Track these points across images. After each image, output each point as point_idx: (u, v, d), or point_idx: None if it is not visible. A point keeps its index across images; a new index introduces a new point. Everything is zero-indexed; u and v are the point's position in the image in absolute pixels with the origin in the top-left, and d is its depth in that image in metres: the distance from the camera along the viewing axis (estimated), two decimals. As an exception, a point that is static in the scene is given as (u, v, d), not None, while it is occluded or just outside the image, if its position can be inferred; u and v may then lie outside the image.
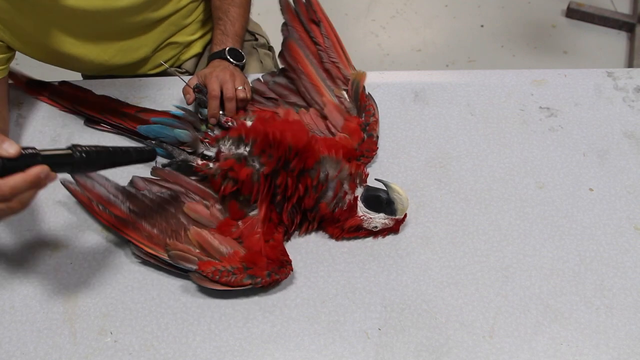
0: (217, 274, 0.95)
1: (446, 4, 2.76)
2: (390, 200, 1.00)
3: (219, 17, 1.25)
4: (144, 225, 1.01)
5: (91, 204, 1.03)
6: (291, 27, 1.19)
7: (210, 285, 0.95)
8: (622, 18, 2.61)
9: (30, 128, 1.21)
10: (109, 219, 1.02)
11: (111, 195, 1.03)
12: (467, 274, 1.00)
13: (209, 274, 0.95)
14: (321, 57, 1.18)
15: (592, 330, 0.94)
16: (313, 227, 1.04)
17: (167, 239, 1.00)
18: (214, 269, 0.95)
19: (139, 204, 1.03)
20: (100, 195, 1.03)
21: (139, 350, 0.93)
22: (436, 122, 1.20)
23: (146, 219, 1.02)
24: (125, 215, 1.02)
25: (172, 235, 1.01)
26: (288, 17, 1.20)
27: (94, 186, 1.04)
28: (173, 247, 0.98)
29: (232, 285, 0.95)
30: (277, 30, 1.21)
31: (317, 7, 1.20)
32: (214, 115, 1.10)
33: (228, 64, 1.16)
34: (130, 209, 1.02)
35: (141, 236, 1.00)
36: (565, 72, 1.28)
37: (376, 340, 0.94)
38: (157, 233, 1.01)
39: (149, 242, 1.00)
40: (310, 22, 1.19)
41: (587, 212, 1.07)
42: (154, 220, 1.02)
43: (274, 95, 1.18)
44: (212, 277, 0.95)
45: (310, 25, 1.19)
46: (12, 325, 0.96)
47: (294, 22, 1.19)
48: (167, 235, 1.00)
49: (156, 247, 0.99)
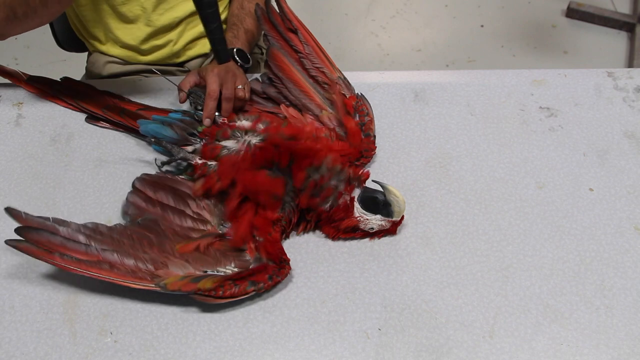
0: (219, 290, 0.93)
1: (446, 4, 2.76)
2: (387, 202, 1.00)
3: (233, 22, 1.28)
4: (120, 261, 0.94)
5: (52, 257, 0.92)
6: (271, 37, 1.19)
7: (215, 301, 0.94)
8: (622, 18, 2.61)
9: (30, 128, 1.21)
10: (78, 266, 0.92)
11: (71, 241, 0.94)
12: (467, 274, 1.00)
13: (211, 292, 0.93)
14: (304, 64, 1.18)
15: (592, 330, 0.94)
16: (311, 226, 1.05)
17: (152, 268, 0.94)
18: (215, 286, 0.93)
19: (107, 240, 0.96)
20: (59, 245, 0.93)
21: (139, 351, 0.93)
22: (436, 122, 1.20)
23: (120, 254, 0.94)
24: (95, 257, 0.93)
25: (156, 263, 0.95)
26: (266, 28, 1.20)
27: (48, 237, 0.93)
28: (163, 276, 0.93)
29: (236, 296, 0.94)
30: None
31: (291, 16, 1.20)
32: (209, 116, 1.10)
33: (232, 63, 1.16)
34: (98, 248, 0.94)
35: (121, 274, 0.93)
36: (566, 72, 1.28)
37: (376, 340, 0.94)
38: (137, 266, 0.94)
39: (132, 279, 0.93)
40: (288, 32, 1.19)
41: (587, 212, 1.07)
42: (130, 253, 0.95)
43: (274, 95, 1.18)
44: (215, 294, 0.93)
45: (288, 34, 1.19)
46: (12, 325, 0.96)
47: (272, 32, 1.19)
48: (152, 263, 0.95)
49: (142, 281, 0.93)
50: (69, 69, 1.40)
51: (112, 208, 1.08)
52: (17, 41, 2.59)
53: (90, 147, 1.18)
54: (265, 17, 1.20)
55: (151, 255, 0.96)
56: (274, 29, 1.20)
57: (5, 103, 1.25)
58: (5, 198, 1.10)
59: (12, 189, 1.12)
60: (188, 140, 1.10)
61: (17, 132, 1.21)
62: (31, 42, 2.56)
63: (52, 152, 1.17)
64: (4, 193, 1.11)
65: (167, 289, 0.92)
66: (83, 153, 1.17)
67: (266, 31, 1.20)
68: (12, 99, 1.26)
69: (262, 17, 1.20)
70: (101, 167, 1.14)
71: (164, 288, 0.92)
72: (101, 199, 1.10)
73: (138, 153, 1.17)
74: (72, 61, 1.91)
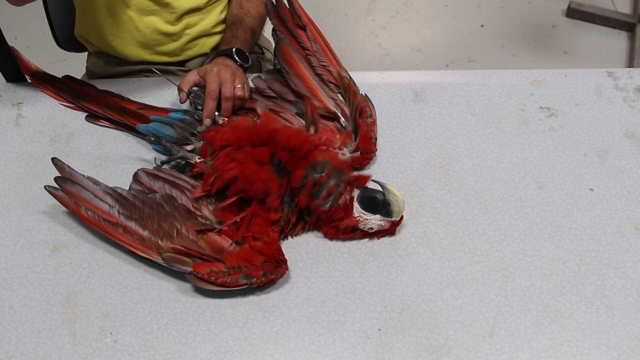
0: (212, 275, 0.94)
1: (446, 4, 2.76)
2: (386, 202, 0.99)
3: (233, 22, 1.28)
4: (134, 228, 1.00)
5: (79, 209, 1.01)
6: (280, 32, 1.19)
7: (207, 286, 0.95)
8: (623, 18, 2.61)
9: (30, 128, 1.21)
10: (98, 223, 1.00)
11: (99, 200, 1.02)
12: (467, 274, 1.00)
13: (204, 276, 0.95)
14: (311, 61, 1.18)
15: (592, 330, 0.94)
16: (309, 226, 1.05)
17: (159, 241, 0.99)
18: (209, 271, 0.95)
19: (129, 206, 1.02)
20: (87, 200, 1.02)
21: (139, 351, 0.93)
22: (436, 122, 1.20)
23: (137, 222, 1.01)
24: (115, 219, 1.00)
25: (165, 237, 0.99)
26: (276, 22, 1.19)
27: (80, 191, 1.02)
28: (166, 249, 0.98)
29: (228, 286, 0.95)
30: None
31: (301, 12, 1.19)
32: (209, 116, 1.11)
33: (231, 63, 1.16)
34: (120, 212, 1.01)
35: (132, 239, 0.99)
36: (566, 72, 1.28)
37: (376, 340, 0.93)
38: (148, 236, 0.99)
39: (140, 246, 0.99)
40: (297, 28, 1.19)
41: (587, 212, 1.07)
42: (144, 223, 1.01)
43: (273, 93, 1.18)
44: (207, 279, 0.95)
45: (297, 30, 1.19)
46: (12, 325, 0.96)
47: (281, 28, 1.19)
48: (160, 237, 0.99)
49: (148, 250, 0.98)
50: (68, 69, 1.39)
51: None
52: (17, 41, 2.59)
53: (90, 147, 1.18)
54: (275, 12, 1.20)
55: (163, 228, 1.00)
56: (283, 25, 1.19)
57: (5, 103, 1.25)
58: (5, 198, 1.10)
59: (12, 189, 1.12)
60: (188, 139, 1.11)
61: (17, 132, 1.21)
62: (31, 42, 2.56)
63: (52, 152, 1.17)
64: (4, 193, 1.11)
65: (169, 262, 0.96)
66: (83, 153, 1.17)
67: (275, 26, 1.20)
68: (11, 99, 1.26)
69: (272, 12, 1.19)
70: (101, 167, 1.15)
71: (167, 261, 0.96)
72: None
73: (138, 153, 1.17)
74: (72, 61, 1.91)
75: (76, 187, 1.02)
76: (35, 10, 1.44)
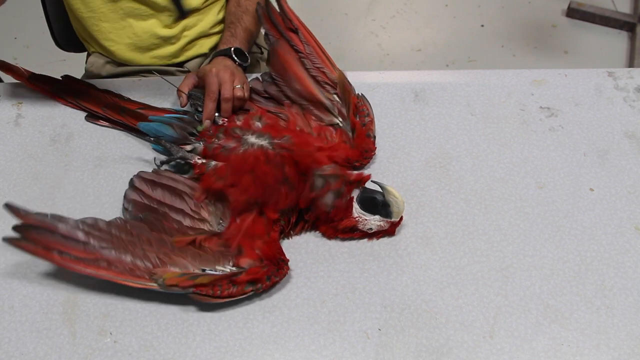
0: (217, 289, 0.93)
1: (446, 4, 2.76)
2: (386, 203, 0.99)
3: (231, 21, 1.27)
4: (118, 257, 0.93)
5: (50, 254, 0.92)
6: (272, 36, 1.19)
7: (213, 300, 0.94)
8: (623, 18, 2.60)
9: (29, 128, 1.21)
10: (76, 264, 0.92)
11: (70, 239, 0.93)
12: (467, 274, 1.00)
13: (209, 292, 0.93)
14: (304, 64, 1.17)
15: (592, 330, 0.94)
16: (309, 226, 1.05)
17: (150, 266, 0.94)
18: (212, 286, 0.93)
19: (105, 235, 0.95)
20: (56, 242, 0.93)
21: (139, 351, 0.93)
22: (436, 122, 1.20)
23: (118, 251, 0.94)
24: (93, 255, 0.93)
25: (154, 259, 0.94)
26: (267, 27, 1.19)
27: (45, 235, 0.93)
28: (160, 274, 0.93)
29: (234, 296, 0.94)
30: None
31: (292, 15, 1.19)
32: (209, 117, 1.11)
33: (230, 63, 1.16)
34: (97, 245, 0.93)
35: (119, 271, 0.93)
36: (566, 72, 1.28)
37: (376, 340, 0.93)
38: (136, 263, 0.93)
39: (130, 276, 0.93)
40: (289, 31, 1.19)
41: (587, 212, 1.07)
42: (127, 249, 0.94)
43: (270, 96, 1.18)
44: (212, 294, 0.93)
45: (289, 33, 1.19)
46: (12, 325, 0.96)
47: (273, 31, 1.19)
48: (149, 261, 0.94)
49: (140, 279, 0.93)
50: (68, 69, 1.39)
51: (112, 208, 1.08)
52: (16, 41, 2.59)
53: (90, 147, 1.18)
54: (265, 16, 1.19)
55: (150, 253, 0.95)
56: (275, 28, 1.19)
57: (4, 103, 1.25)
58: (5, 198, 1.10)
59: (11, 189, 1.12)
60: (188, 139, 1.10)
61: (17, 132, 1.21)
62: (31, 42, 2.56)
63: (51, 152, 1.17)
64: (4, 193, 1.11)
65: (165, 285, 0.92)
66: (83, 153, 1.17)
67: (267, 30, 1.19)
68: (11, 98, 1.26)
69: (263, 16, 1.19)
70: (101, 167, 1.14)
71: (162, 285, 0.92)
72: (101, 199, 1.10)
73: (138, 153, 1.16)
74: (71, 61, 1.91)
75: (40, 232, 0.93)
76: (35, 10, 1.44)
